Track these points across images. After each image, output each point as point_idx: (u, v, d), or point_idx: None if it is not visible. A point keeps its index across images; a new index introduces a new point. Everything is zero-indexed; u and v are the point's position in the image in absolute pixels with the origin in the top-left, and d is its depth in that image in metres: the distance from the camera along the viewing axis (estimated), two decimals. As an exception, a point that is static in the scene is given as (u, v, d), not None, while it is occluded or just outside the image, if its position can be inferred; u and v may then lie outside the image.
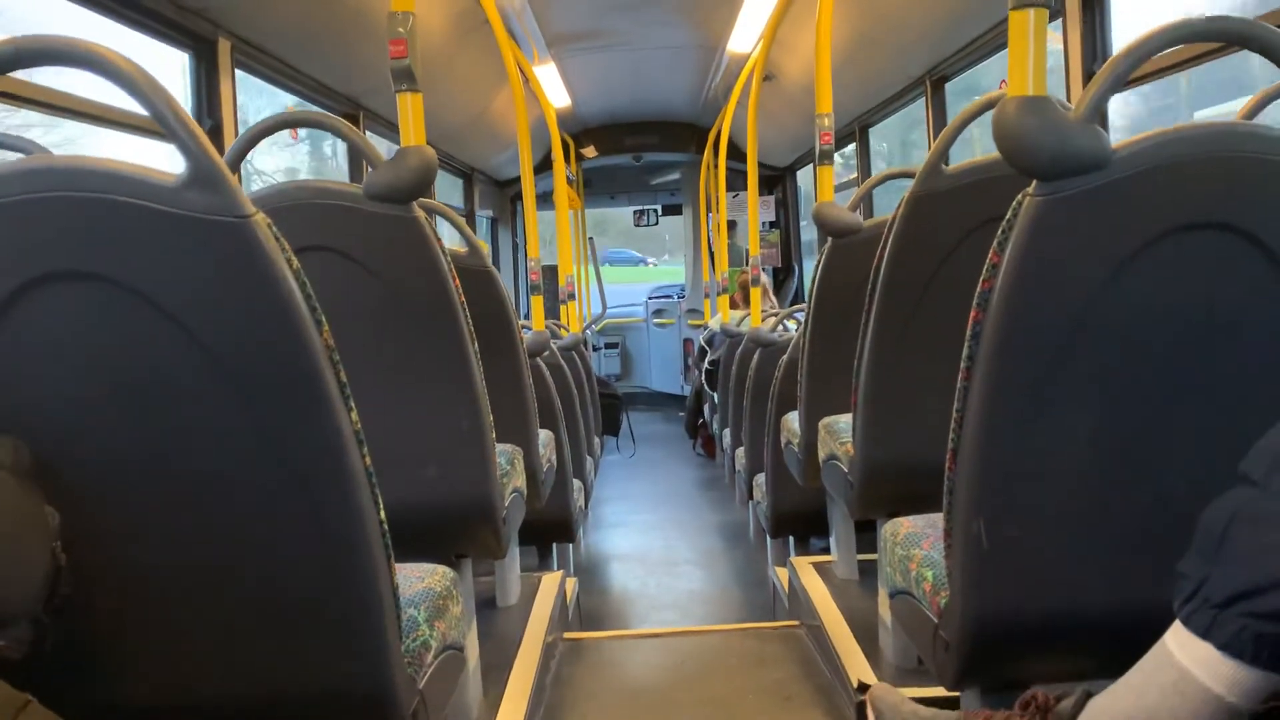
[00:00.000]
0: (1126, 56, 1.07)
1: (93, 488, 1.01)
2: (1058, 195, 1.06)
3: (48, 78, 2.13)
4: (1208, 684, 0.89)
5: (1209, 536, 0.90)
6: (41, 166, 0.95)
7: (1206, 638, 0.88)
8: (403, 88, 1.77)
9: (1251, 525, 0.87)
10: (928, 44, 3.84)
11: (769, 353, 3.38)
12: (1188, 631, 0.90)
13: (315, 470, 1.01)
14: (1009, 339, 1.11)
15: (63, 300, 0.96)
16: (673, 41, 5.48)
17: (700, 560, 4.15)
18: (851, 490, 2.02)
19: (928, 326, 1.75)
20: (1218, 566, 0.88)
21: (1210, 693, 0.89)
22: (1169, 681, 0.91)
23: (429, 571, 1.34)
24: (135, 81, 0.93)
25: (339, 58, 3.59)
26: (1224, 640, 0.87)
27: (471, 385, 1.73)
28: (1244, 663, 0.86)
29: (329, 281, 1.29)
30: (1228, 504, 0.90)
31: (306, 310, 0.98)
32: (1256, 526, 0.87)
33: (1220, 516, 0.89)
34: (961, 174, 1.74)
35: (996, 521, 1.16)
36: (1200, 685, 0.89)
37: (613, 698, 2.13)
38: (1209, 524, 0.90)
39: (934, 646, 1.30)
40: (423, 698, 1.15)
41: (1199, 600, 0.89)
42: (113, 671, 1.07)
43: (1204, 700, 0.89)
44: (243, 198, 0.95)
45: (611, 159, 7.82)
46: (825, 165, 2.84)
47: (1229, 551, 0.88)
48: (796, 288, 7.41)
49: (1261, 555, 0.86)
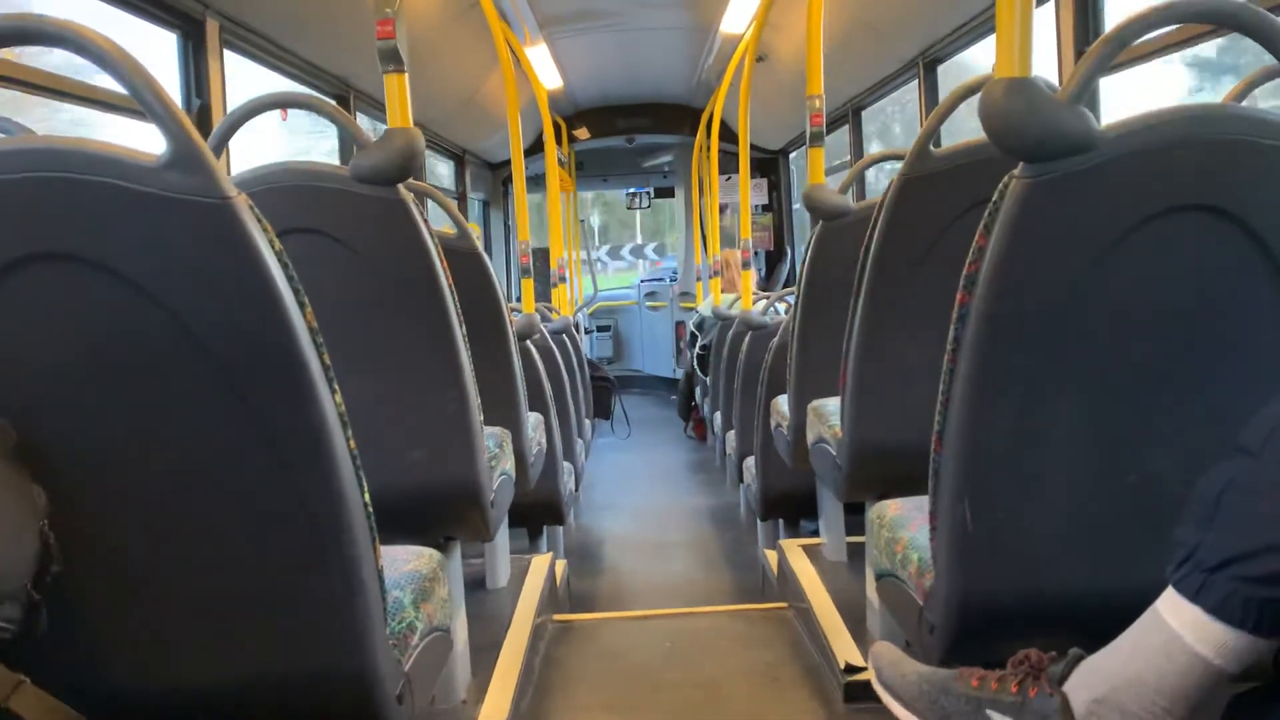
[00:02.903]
0: (1114, 38, 1.06)
1: (77, 468, 1.01)
2: (1044, 177, 1.05)
3: (31, 57, 2.11)
4: (1196, 647, 0.90)
5: (1203, 504, 0.92)
6: (21, 147, 0.95)
7: (1196, 601, 0.90)
8: (389, 68, 1.75)
9: (1244, 493, 0.89)
10: (920, 26, 3.83)
11: (759, 336, 3.38)
12: (1178, 595, 0.92)
13: (298, 452, 1.01)
14: (994, 322, 1.11)
15: (44, 281, 0.96)
16: (665, 22, 5.45)
17: (690, 543, 4.16)
18: (840, 473, 2.02)
19: (916, 309, 1.75)
20: (1210, 533, 0.90)
21: (1198, 655, 0.90)
22: (1158, 644, 0.93)
23: (416, 554, 1.34)
24: (114, 60, 0.93)
25: (329, 38, 3.56)
26: (1213, 603, 0.89)
27: (458, 368, 1.73)
28: (1232, 626, 0.88)
29: (315, 263, 1.29)
30: (1223, 473, 0.91)
31: (289, 292, 0.98)
32: (1249, 494, 0.89)
33: (1215, 484, 0.91)
34: (950, 156, 1.74)
35: (981, 504, 1.16)
36: (1188, 648, 0.91)
37: (602, 679, 2.13)
38: (1204, 492, 0.92)
39: (919, 628, 1.30)
40: (408, 679, 1.16)
41: (1191, 565, 0.91)
42: (100, 652, 1.07)
43: (1191, 663, 0.91)
44: (224, 179, 0.94)
45: (604, 141, 7.79)
46: (816, 147, 2.83)
47: (1222, 518, 0.90)
48: (788, 270, 7.41)
49: (1253, 522, 0.88)
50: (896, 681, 1.19)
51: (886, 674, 1.21)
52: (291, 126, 3.81)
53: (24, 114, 1.92)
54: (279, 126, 3.53)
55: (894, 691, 1.19)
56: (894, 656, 1.23)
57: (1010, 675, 1.06)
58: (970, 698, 1.08)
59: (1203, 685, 0.91)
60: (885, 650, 1.25)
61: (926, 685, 1.15)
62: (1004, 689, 1.05)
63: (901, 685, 1.18)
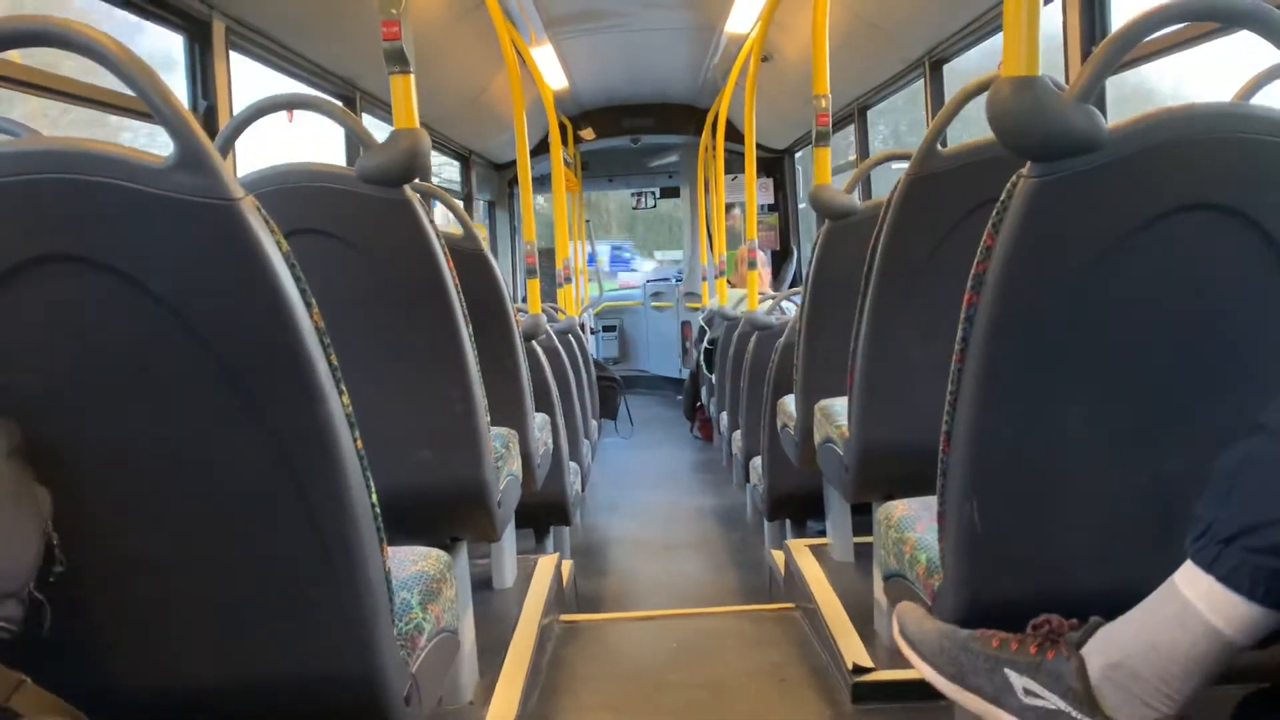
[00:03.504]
0: (1122, 36, 1.06)
1: (82, 469, 1.01)
2: (1052, 176, 1.05)
3: (33, 58, 2.11)
4: (1208, 616, 0.92)
5: (1222, 479, 0.94)
6: (28, 149, 0.95)
7: (1210, 571, 0.92)
8: (395, 69, 1.76)
9: (1259, 466, 0.91)
10: (926, 26, 3.82)
11: (766, 336, 3.38)
12: (1194, 566, 0.94)
13: (305, 453, 1.01)
14: (1003, 321, 1.10)
15: (52, 282, 0.96)
16: (671, 22, 5.45)
17: (696, 543, 4.16)
18: (847, 473, 2.02)
19: (923, 309, 1.75)
20: (1226, 507, 0.92)
21: (1210, 625, 0.92)
22: (1172, 613, 0.95)
23: (423, 555, 1.34)
24: (121, 62, 0.93)
25: (335, 39, 3.57)
26: (1225, 573, 0.91)
27: (465, 368, 1.73)
28: (1243, 596, 0.90)
29: (322, 264, 1.29)
30: (1241, 449, 0.94)
31: (295, 293, 0.98)
32: (1264, 468, 0.91)
33: (1233, 460, 0.94)
34: (957, 156, 1.73)
35: (989, 504, 1.16)
36: (1201, 617, 0.93)
37: (609, 679, 2.13)
38: (1223, 468, 0.95)
39: None
40: (415, 680, 1.16)
41: (1207, 537, 0.93)
42: (105, 653, 1.07)
43: (1204, 632, 0.93)
44: (231, 180, 0.94)
45: (609, 141, 7.79)
46: (822, 147, 2.83)
47: (1238, 492, 0.92)
48: (795, 270, 7.40)
49: (1266, 494, 0.90)
50: (918, 636, 1.21)
51: (910, 629, 1.22)
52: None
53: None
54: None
55: (915, 645, 1.21)
56: (918, 614, 1.25)
57: (1030, 638, 1.08)
58: (989, 656, 1.09)
59: (1214, 655, 0.93)
60: (910, 608, 1.27)
61: (947, 642, 1.16)
62: (1023, 649, 1.07)
63: (922, 639, 1.20)
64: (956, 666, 1.13)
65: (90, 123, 2.49)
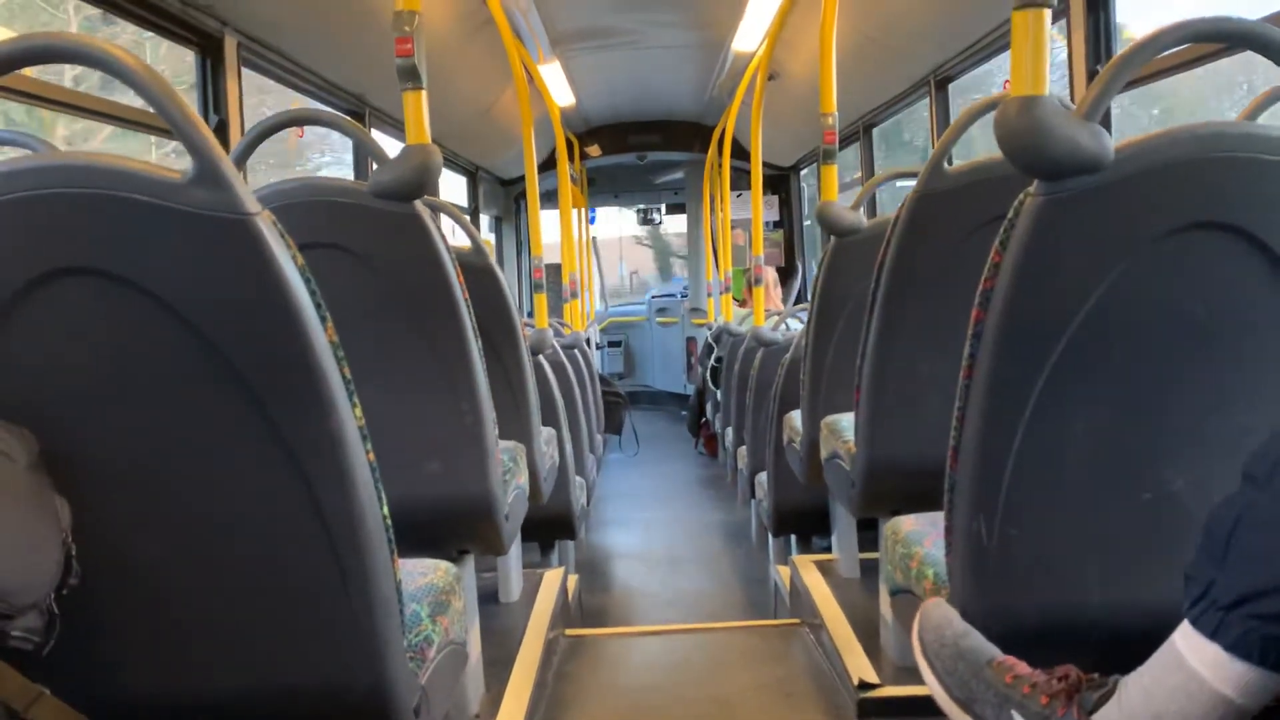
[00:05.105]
0: (1129, 57, 1.07)
1: (99, 480, 1.02)
2: (1059, 195, 1.06)
3: (49, 74, 2.14)
4: (1215, 685, 0.90)
5: (1215, 540, 0.91)
6: (48, 163, 0.96)
7: (1214, 639, 0.90)
8: (407, 86, 1.77)
9: (1256, 530, 0.89)
10: (931, 45, 3.84)
11: (771, 352, 3.39)
12: (1196, 633, 0.91)
13: (319, 465, 1.02)
14: (1010, 338, 1.11)
15: (70, 296, 0.97)
16: (677, 40, 5.48)
17: (702, 558, 4.15)
18: (853, 488, 2.02)
19: (931, 325, 1.75)
20: (1224, 570, 0.90)
21: (1218, 694, 0.90)
22: (1178, 683, 0.93)
23: (432, 567, 1.35)
24: (142, 79, 0.94)
25: (345, 56, 3.60)
26: (1231, 641, 0.88)
27: (474, 382, 1.74)
28: (1251, 663, 0.88)
29: (334, 278, 1.30)
30: (1232, 507, 0.91)
31: (311, 307, 0.99)
32: (1261, 531, 0.88)
33: (1225, 520, 0.91)
34: (964, 174, 1.75)
35: (997, 520, 1.16)
36: (1208, 686, 0.90)
37: (614, 694, 2.13)
38: (1214, 527, 0.92)
39: None
40: (425, 693, 1.16)
41: (1206, 602, 0.91)
42: (119, 663, 1.08)
43: (1212, 701, 0.91)
44: (248, 195, 0.96)
45: (615, 158, 7.82)
46: (829, 164, 2.85)
47: (1235, 555, 0.89)
48: (800, 287, 7.42)
49: (1267, 559, 0.88)
50: (935, 649, 1.18)
51: (928, 636, 1.19)
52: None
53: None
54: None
55: (929, 657, 1.18)
56: (939, 620, 1.20)
57: (1044, 685, 1.06)
58: (1000, 692, 1.08)
59: None
60: (934, 610, 1.24)
61: (961, 664, 1.14)
62: (1034, 697, 1.05)
63: (937, 653, 1.17)
64: (966, 691, 1.12)
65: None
